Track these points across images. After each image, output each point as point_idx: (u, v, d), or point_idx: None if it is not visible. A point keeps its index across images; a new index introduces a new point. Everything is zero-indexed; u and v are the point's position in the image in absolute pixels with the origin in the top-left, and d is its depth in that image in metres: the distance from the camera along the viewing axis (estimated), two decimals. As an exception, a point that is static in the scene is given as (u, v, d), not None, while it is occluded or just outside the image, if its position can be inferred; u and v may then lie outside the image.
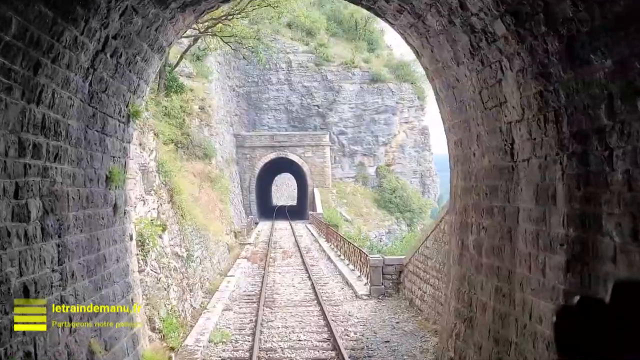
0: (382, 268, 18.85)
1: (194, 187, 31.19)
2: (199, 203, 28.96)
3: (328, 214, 51.35)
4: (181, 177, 24.47)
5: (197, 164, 35.84)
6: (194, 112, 42.35)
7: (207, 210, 29.86)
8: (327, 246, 34.43)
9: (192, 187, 30.06)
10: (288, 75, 63.52)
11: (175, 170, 21.27)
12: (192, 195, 28.62)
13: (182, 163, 32.50)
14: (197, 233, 23.08)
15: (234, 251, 32.75)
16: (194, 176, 33.48)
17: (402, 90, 65.23)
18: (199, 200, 29.74)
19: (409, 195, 61.48)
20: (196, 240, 22.65)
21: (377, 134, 63.97)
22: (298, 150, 59.39)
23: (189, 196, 27.72)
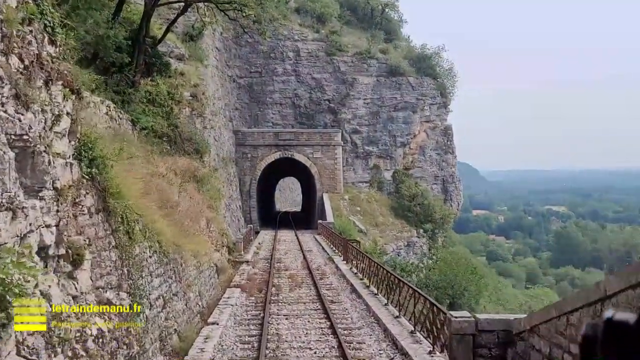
0: (474, 338, 10.28)
1: (172, 188, 22.85)
2: (176, 211, 20.52)
3: (340, 224, 43.06)
4: (135, 169, 16.09)
5: (181, 160, 27.40)
6: (184, 99, 34.19)
7: (186, 221, 21.38)
8: (345, 268, 25.87)
9: (167, 190, 21.79)
10: (295, 66, 55.05)
11: (119, 160, 12.66)
12: (166, 201, 20.33)
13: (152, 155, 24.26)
14: (160, 259, 14.57)
15: (225, 274, 24.24)
16: (174, 174, 25.12)
17: (423, 85, 56.89)
18: (177, 207, 21.30)
19: (431, 203, 53.07)
20: (157, 270, 14.15)
21: (395, 133, 55.59)
22: (306, 150, 50.90)
23: (161, 201, 19.44)
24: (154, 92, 31.28)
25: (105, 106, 23.86)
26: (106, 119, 23.80)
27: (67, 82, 10.23)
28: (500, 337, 10.37)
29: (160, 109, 30.86)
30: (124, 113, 26.44)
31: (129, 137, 25.56)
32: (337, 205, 48.69)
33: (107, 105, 23.96)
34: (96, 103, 22.64)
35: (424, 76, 57.39)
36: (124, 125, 26.32)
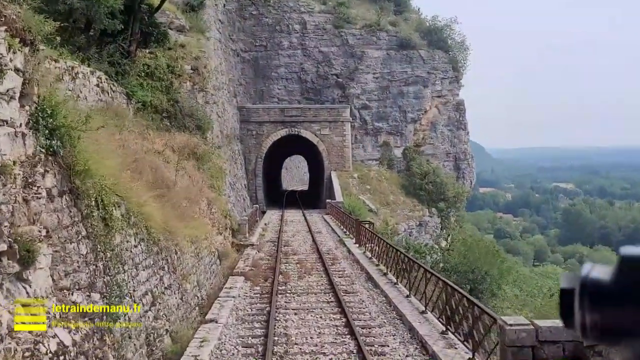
0: (534, 351, 8.08)
1: (169, 167, 20.70)
2: (172, 191, 18.37)
3: (349, 203, 40.87)
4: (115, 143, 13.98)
5: (179, 136, 25.20)
6: (185, 73, 31.96)
7: (184, 202, 19.22)
8: (358, 252, 23.73)
9: (163, 168, 19.67)
10: (302, 39, 52.41)
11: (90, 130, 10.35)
12: (161, 180, 18.22)
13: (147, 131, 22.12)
14: (148, 248, 12.43)
15: (228, 260, 22.14)
16: (172, 151, 22.96)
17: (434, 59, 54.23)
18: (174, 187, 19.14)
19: (443, 182, 50.70)
20: (145, 262, 12.02)
21: (406, 109, 53.10)
22: (313, 127, 48.54)
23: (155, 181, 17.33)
24: (153, 65, 29.27)
25: (96, 77, 21.68)
26: (97, 92, 21.61)
27: (15, 29, 7.98)
28: (568, 349, 8.16)
29: (160, 83, 29.07)
30: (117, 85, 24.26)
31: (122, 111, 23.44)
32: (346, 184, 46.47)
33: (98, 77, 21.77)
34: (85, 74, 20.44)
35: (435, 49, 54.70)
36: (118, 98, 24.18)
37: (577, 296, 0.80)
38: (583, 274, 0.81)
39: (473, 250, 29.18)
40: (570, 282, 0.83)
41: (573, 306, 0.80)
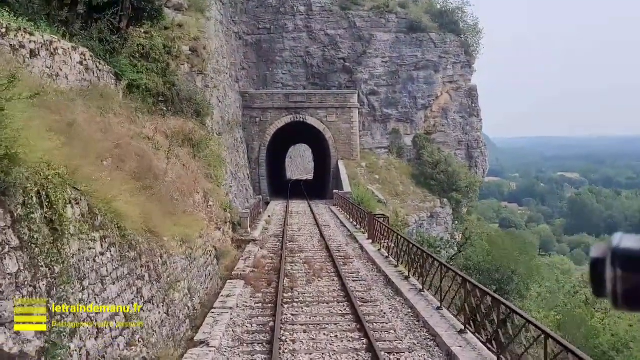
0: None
1: (159, 154, 18.11)
2: (161, 182, 15.77)
3: (357, 194, 38.26)
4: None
5: (173, 120, 22.59)
6: (183, 54, 29.34)
7: (176, 195, 16.60)
8: (372, 250, 21.10)
9: (151, 155, 17.07)
10: (307, 21, 49.50)
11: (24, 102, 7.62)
12: (148, 169, 15.63)
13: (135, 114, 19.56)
14: (121, 254, 9.79)
15: (227, 258, 19.54)
16: (165, 137, 20.39)
17: (446, 43, 51.31)
18: (163, 178, 16.53)
19: (455, 171, 47.96)
20: (117, 272, 9.39)
21: (416, 94, 50.27)
22: (319, 113, 45.80)
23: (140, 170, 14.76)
24: (148, 46, 26.78)
25: (79, 54, 18.98)
26: (80, 70, 18.91)
27: None
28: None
29: (155, 64, 26.72)
30: (105, 64, 21.58)
31: (109, 93, 20.79)
32: (354, 173, 43.80)
33: (81, 54, 19.07)
34: (66, 50, 17.77)
35: (446, 32, 51.75)
36: (105, 78, 21.51)
37: (608, 265, 0.79)
38: (614, 243, 0.80)
39: (498, 245, 26.54)
40: (601, 252, 0.81)
41: (604, 275, 0.79)
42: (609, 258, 0.80)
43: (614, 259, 0.79)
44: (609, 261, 0.80)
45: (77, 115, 15.04)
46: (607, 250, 0.81)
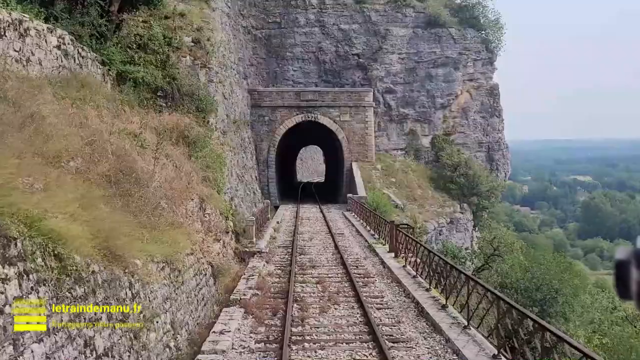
0: None
1: (145, 153, 15.13)
2: (141, 187, 12.77)
3: (373, 198, 35.20)
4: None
5: (167, 116, 19.59)
6: (185, 45, 26.46)
7: (162, 202, 13.54)
8: (396, 266, 17.93)
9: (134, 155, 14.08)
10: (320, 15, 46.37)
11: None
12: (128, 172, 12.60)
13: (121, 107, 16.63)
14: (59, 294, 6.66)
15: (227, 276, 16.48)
16: (156, 133, 17.41)
17: (466, 38, 48.07)
18: (149, 181, 13.53)
19: (476, 174, 44.62)
20: (48, 322, 6.27)
21: (434, 93, 47.05)
22: (332, 113, 42.66)
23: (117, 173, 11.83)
24: (146, 36, 24.13)
25: (57, 37, 15.98)
26: (57, 55, 15.88)
27: None
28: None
29: (154, 56, 24.49)
30: (89, 51, 18.62)
31: (93, 82, 17.79)
32: (368, 176, 40.65)
33: (59, 37, 16.08)
34: (40, 32, 14.79)
35: (467, 28, 48.47)
36: (89, 66, 18.53)
37: (633, 267, 0.79)
38: (639, 245, 0.81)
39: (539, 262, 23.27)
40: (626, 254, 0.81)
41: (629, 277, 0.79)
42: (635, 260, 0.78)
43: (639, 262, 0.77)
44: (635, 263, 0.77)
45: (42, 106, 12.13)
46: (633, 253, 0.79)
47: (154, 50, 23.87)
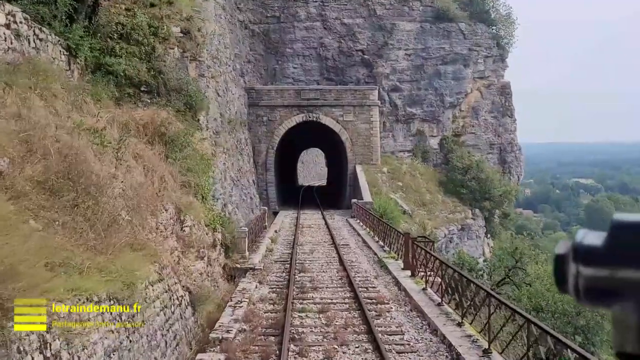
0: None
1: (105, 153, 12.05)
2: (88, 194, 9.68)
3: (379, 204, 32.08)
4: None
5: (141, 110, 16.53)
6: (173, 36, 23.47)
7: (124, 213, 10.44)
8: (415, 289, 14.79)
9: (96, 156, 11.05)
10: (322, 9, 43.34)
11: None
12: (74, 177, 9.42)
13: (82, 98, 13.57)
14: None
15: (209, 304, 13.33)
16: (124, 129, 14.34)
17: (476, 34, 45.05)
18: (105, 188, 10.47)
19: (488, 177, 41.47)
20: None
21: (443, 91, 44.02)
22: (334, 112, 39.53)
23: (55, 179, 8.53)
24: (129, 25, 21.25)
25: (5, 14, 12.90)
26: (5, 36, 12.85)
27: None
28: None
29: (138, 47, 21.01)
30: (49, 33, 15.56)
31: (52, 70, 14.72)
32: (374, 180, 37.50)
33: (8, 14, 13.03)
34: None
35: (477, 22, 45.39)
36: (50, 52, 15.46)
37: (570, 260, 0.81)
38: (576, 239, 0.82)
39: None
40: (564, 248, 0.83)
41: (566, 271, 0.81)
42: (571, 254, 0.79)
43: (575, 255, 0.79)
44: (571, 257, 0.79)
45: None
46: (570, 247, 0.80)
47: (138, 41, 21.27)
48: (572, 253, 0.81)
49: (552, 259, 0.85)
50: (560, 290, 0.85)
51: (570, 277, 0.81)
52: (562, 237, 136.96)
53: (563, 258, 0.83)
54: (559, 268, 0.83)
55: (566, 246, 0.83)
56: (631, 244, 0.77)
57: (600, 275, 0.78)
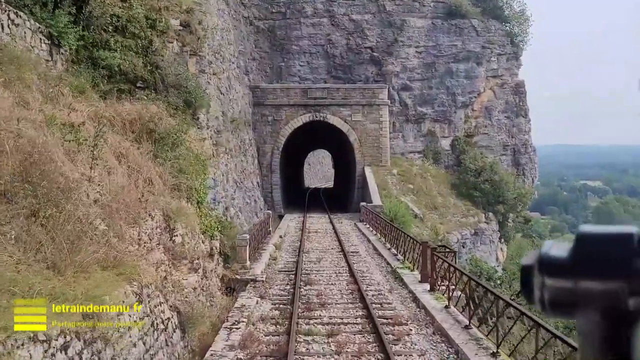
0: None
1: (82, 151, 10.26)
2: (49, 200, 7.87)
3: (389, 207, 30.33)
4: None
5: (128, 104, 14.77)
6: (172, 29, 21.88)
7: (99, 222, 8.63)
8: (436, 305, 12.98)
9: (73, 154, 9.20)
10: (329, 5, 41.57)
11: None
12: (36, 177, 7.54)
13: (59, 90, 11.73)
14: None
15: (201, 324, 11.55)
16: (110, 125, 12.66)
17: (489, 31, 43.16)
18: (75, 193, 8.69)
19: (502, 179, 39.57)
20: None
21: (455, 90, 42.18)
22: (342, 111, 37.77)
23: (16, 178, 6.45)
24: (125, 17, 19.49)
25: (-28, -6, 11.13)
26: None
27: None
28: None
29: (134, 41, 19.55)
30: (27, 19, 13.90)
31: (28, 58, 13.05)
32: (383, 182, 35.70)
33: (-24, -6, 11.25)
34: None
35: (490, 19, 43.50)
36: (28, 39, 13.82)
37: (535, 272, 0.81)
38: (542, 251, 0.82)
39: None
40: (531, 260, 0.83)
41: (532, 281, 0.81)
42: (537, 265, 0.80)
43: (540, 266, 0.79)
44: (537, 268, 0.80)
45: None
46: (536, 258, 0.80)
47: (134, 34, 19.71)
48: (537, 264, 0.80)
49: (519, 271, 0.83)
50: (527, 301, 0.84)
51: (535, 288, 0.80)
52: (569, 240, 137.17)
53: (529, 269, 0.81)
54: (525, 279, 0.82)
55: (533, 257, 0.82)
56: (594, 256, 0.76)
57: (564, 287, 0.78)
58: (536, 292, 0.80)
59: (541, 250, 0.81)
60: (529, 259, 0.82)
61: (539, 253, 0.81)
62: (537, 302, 0.81)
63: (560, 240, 0.82)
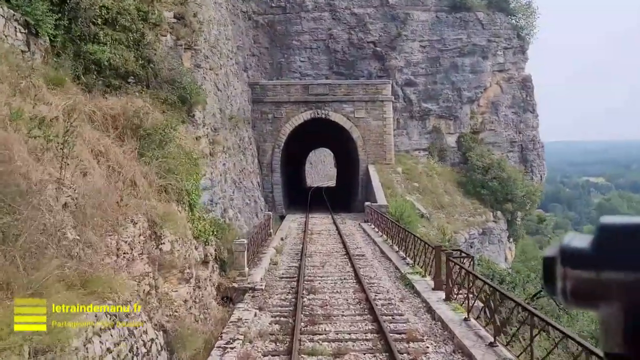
0: None
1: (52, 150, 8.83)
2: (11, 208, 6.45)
3: (395, 207, 28.99)
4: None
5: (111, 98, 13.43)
6: (164, 21, 20.53)
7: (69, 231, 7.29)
8: (454, 318, 11.67)
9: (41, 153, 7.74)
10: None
11: None
12: None
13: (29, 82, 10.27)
14: None
15: (191, 343, 10.18)
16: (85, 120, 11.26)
17: (495, 24, 41.77)
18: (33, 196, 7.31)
19: (510, 177, 38.18)
20: None
21: (460, 85, 40.80)
22: (344, 108, 36.41)
23: None
24: (115, 9, 18.16)
25: None
26: None
27: None
28: None
29: (125, 34, 18.68)
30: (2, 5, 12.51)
31: (0, 48, 11.67)
32: (388, 181, 34.35)
33: None
34: None
35: (496, 12, 42.12)
36: (0, 27, 12.51)
37: (558, 263, 0.81)
38: (564, 242, 0.82)
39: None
40: (552, 251, 0.82)
41: (555, 273, 0.81)
42: (559, 256, 0.79)
43: (563, 258, 0.79)
44: (559, 260, 0.79)
45: None
46: (558, 249, 0.80)
47: (125, 26, 18.36)
48: (559, 256, 0.81)
49: (541, 263, 0.84)
50: (548, 293, 0.85)
51: (558, 280, 0.81)
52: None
53: (551, 261, 0.82)
54: (547, 271, 0.82)
55: (554, 249, 0.82)
56: (617, 247, 0.76)
57: (587, 278, 0.79)
58: (558, 283, 0.79)
59: (563, 242, 0.79)
60: (551, 251, 0.81)
61: (560, 244, 0.80)
62: (559, 293, 0.80)
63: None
